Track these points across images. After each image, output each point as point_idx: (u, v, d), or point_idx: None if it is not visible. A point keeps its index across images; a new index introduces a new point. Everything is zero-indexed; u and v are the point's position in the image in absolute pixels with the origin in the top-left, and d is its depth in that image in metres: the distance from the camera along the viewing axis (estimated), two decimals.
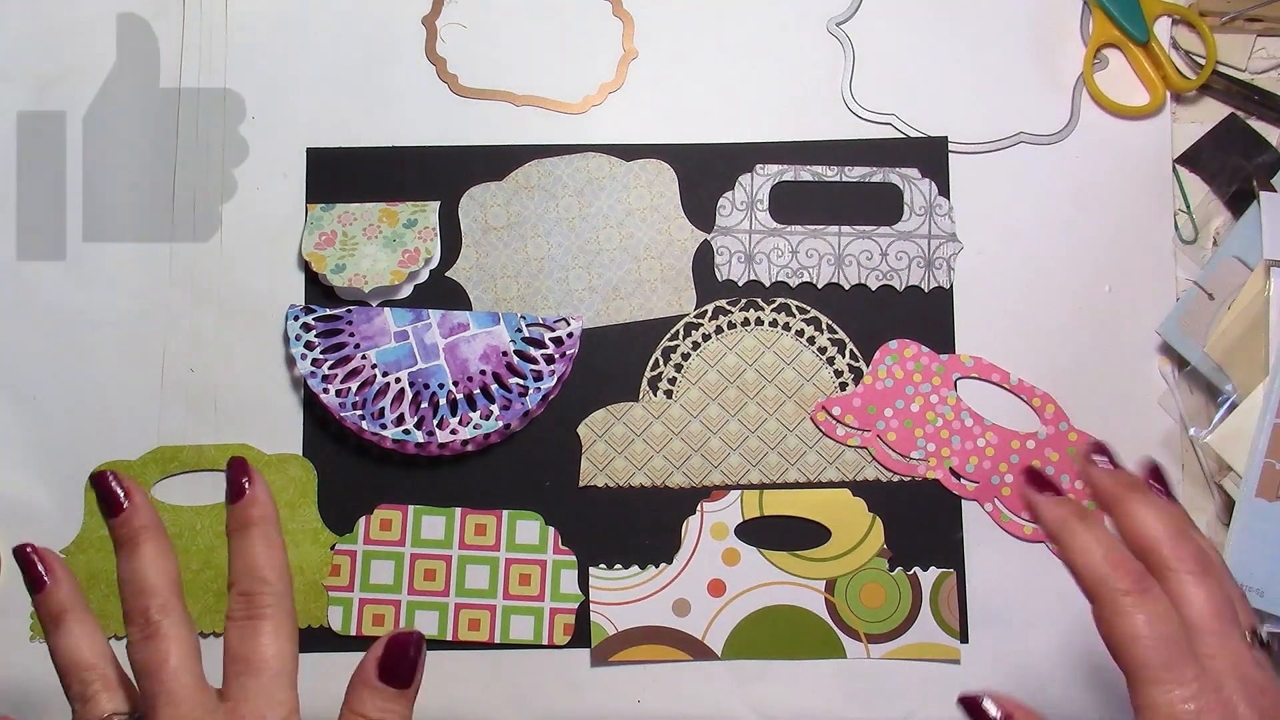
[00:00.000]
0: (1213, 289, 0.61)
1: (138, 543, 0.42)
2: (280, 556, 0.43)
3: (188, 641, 0.41)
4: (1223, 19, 0.64)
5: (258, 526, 0.43)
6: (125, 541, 0.43)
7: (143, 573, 0.42)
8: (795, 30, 0.66)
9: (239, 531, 0.43)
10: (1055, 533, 0.42)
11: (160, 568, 0.42)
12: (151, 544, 0.42)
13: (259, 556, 0.42)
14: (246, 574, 0.42)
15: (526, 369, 0.62)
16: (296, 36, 0.66)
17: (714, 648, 0.61)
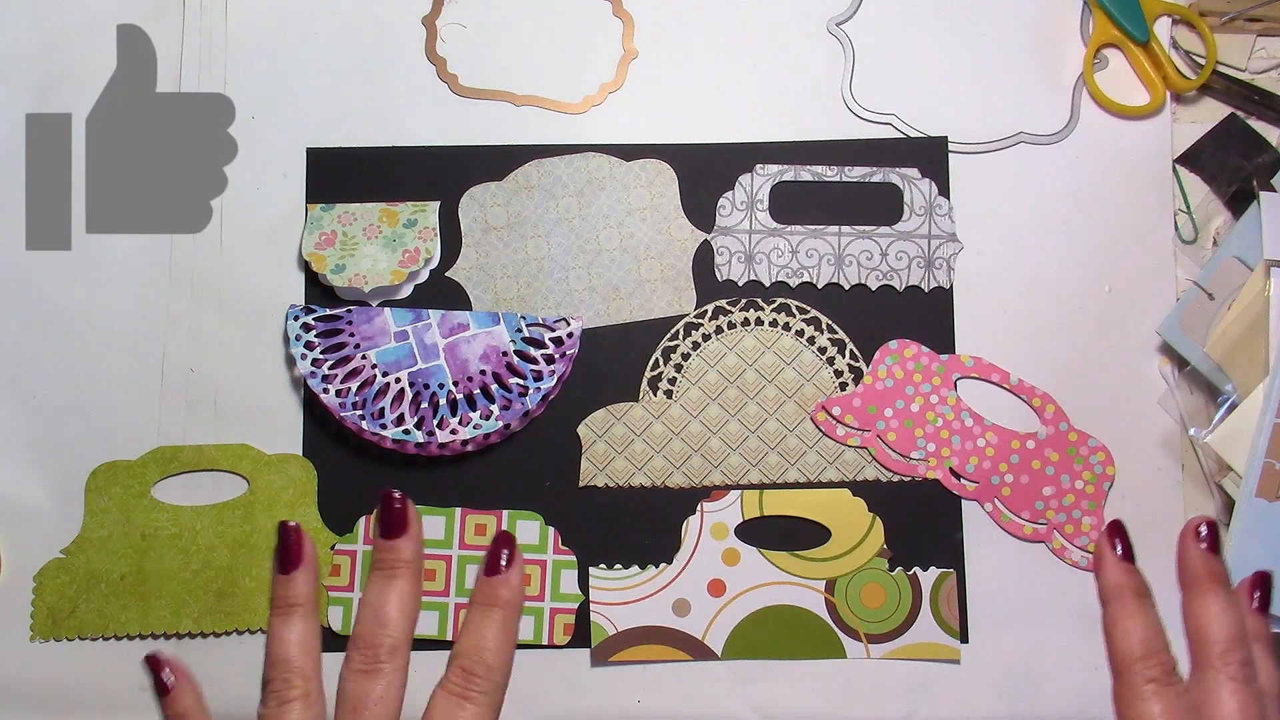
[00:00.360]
0: (1213, 289, 0.61)
1: (398, 575, 0.42)
2: (511, 649, 0.42)
3: (399, 691, 0.40)
4: (1223, 19, 0.64)
5: (503, 610, 0.42)
6: (387, 568, 0.42)
7: (390, 605, 0.41)
8: (795, 30, 0.66)
9: (483, 607, 0.42)
10: (1108, 598, 0.42)
11: (406, 609, 0.41)
12: (408, 582, 0.42)
13: (492, 640, 0.41)
14: (474, 652, 0.41)
15: (526, 369, 0.62)
16: (296, 36, 0.66)
17: (714, 648, 0.61)
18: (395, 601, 0.41)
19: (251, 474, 0.62)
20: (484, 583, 0.42)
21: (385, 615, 0.41)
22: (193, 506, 0.62)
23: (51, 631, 0.61)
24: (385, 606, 0.41)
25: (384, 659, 0.40)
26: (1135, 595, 0.42)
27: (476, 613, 0.42)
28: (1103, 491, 0.61)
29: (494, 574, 0.42)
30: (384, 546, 0.42)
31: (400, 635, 0.41)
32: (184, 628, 0.61)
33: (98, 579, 0.61)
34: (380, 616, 0.41)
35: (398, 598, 0.41)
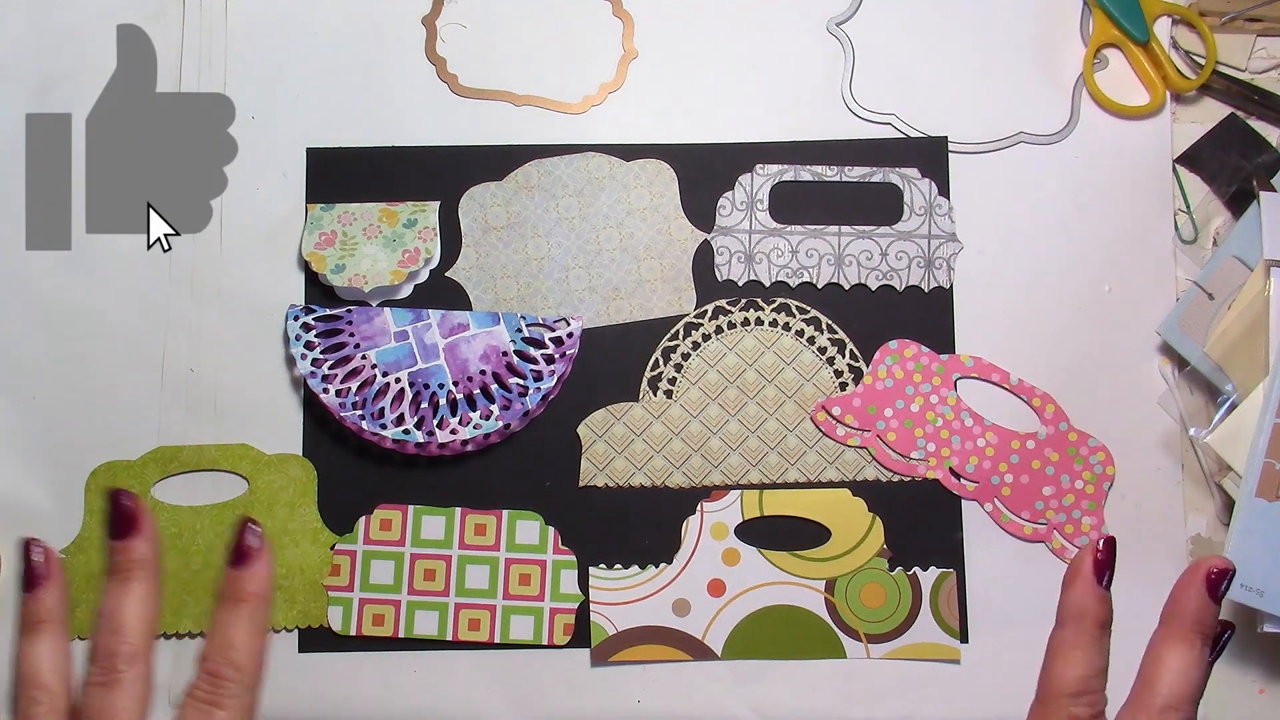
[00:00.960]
0: (1213, 289, 0.61)
1: (131, 577, 0.40)
2: (261, 644, 0.40)
3: (143, 701, 0.39)
4: (1223, 19, 0.64)
5: (249, 605, 0.40)
6: (119, 571, 0.40)
7: (125, 611, 0.40)
8: (795, 30, 0.66)
9: (228, 603, 0.40)
10: (1068, 618, 0.41)
11: (143, 613, 0.40)
12: (144, 585, 0.40)
13: (239, 638, 0.40)
14: (220, 653, 0.39)
15: (526, 369, 0.62)
16: (296, 36, 0.66)
17: (714, 648, 0.61)
18: (131, 606, 0.40)
19: (251, 474, 0.62)
20: (229, 576, 0.40)
21: (120, 622, 0.39)
22: (193, 506, 0.62)
23: None
24: (120, 613, 0.40)
25: (122, 668, 0.39)
26: (1097, 625, 0.41)
27: (223, 610, 0.40)
28: (1103, 491, 0.61)
29: (239, 566, 0.40)
30: (115, 548, 0.40)
31: (138, 641, 0.39)
32: (184, 628, 0.61)
33: (96, 579, 0.61)
34: (115, 624, 0.39)
35: (133, 602, 0.40)
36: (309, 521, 0.61)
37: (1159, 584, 0.61)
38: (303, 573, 0.61)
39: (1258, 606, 0.56)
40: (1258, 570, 0.56)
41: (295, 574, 0.61)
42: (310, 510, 0.62)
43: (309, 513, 0.62)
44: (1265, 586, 0.56)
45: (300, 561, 0.61)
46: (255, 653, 0.40)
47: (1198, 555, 0.61)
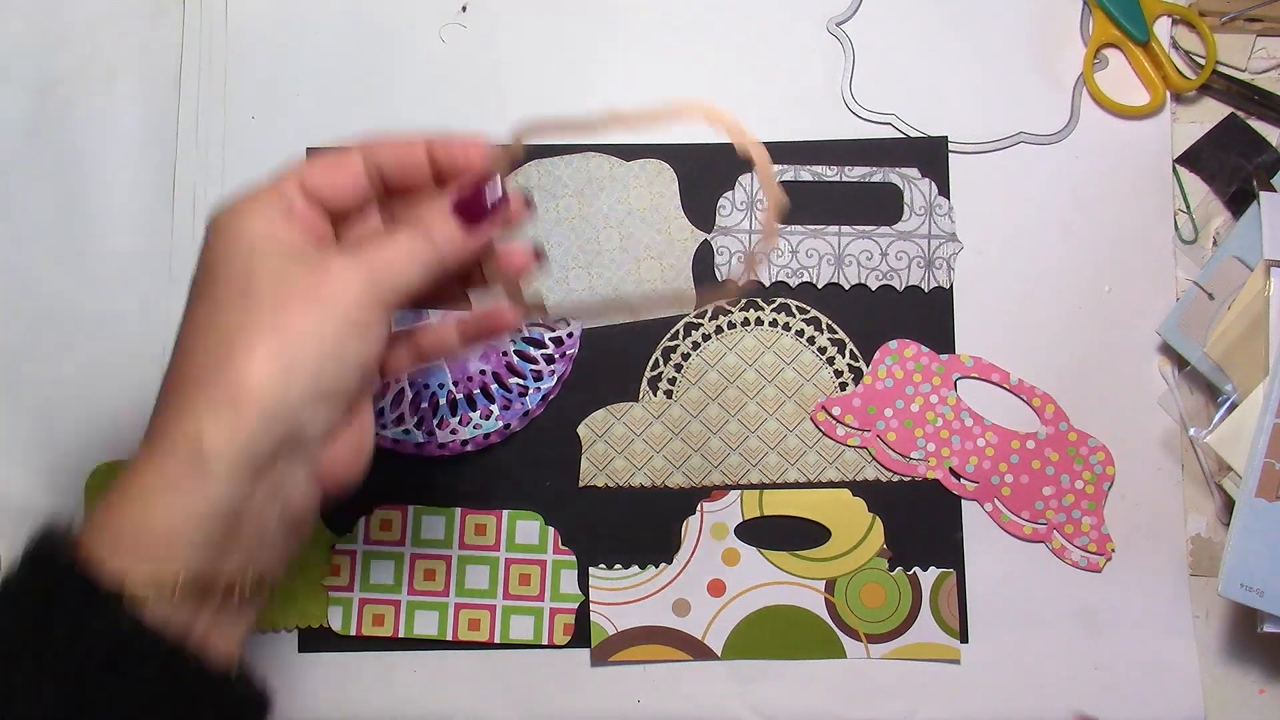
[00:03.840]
0: (1213, 289, 0.61)
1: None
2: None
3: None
4: (1223, 19, 0.64)
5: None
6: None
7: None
8: (795, 30, 0.66)
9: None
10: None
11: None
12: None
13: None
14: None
15: (526, 369, 0.62)
16: (296, 36, 0.66)
17: (714, 648, 0.61)
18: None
19: None
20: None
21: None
22: None
23: None
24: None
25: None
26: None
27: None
28: (1103, 491, 0.61)
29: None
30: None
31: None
32: None
33: None
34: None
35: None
36: None
37: (1159, 584, 0.61)
38: (302, 573, 0.61)
39: (1258, 606, 0.56)
40: (1258, 570, 0.56)
41: (295, 574, 0.61)
42: None
43: None
44: (1265, 586, 0.56)
45: (300, 561, 0.61)
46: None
47: (1198, 555, 0.61)
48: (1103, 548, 0.61)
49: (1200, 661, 0.60)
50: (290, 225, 0.39)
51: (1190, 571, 0.61)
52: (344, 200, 0.41)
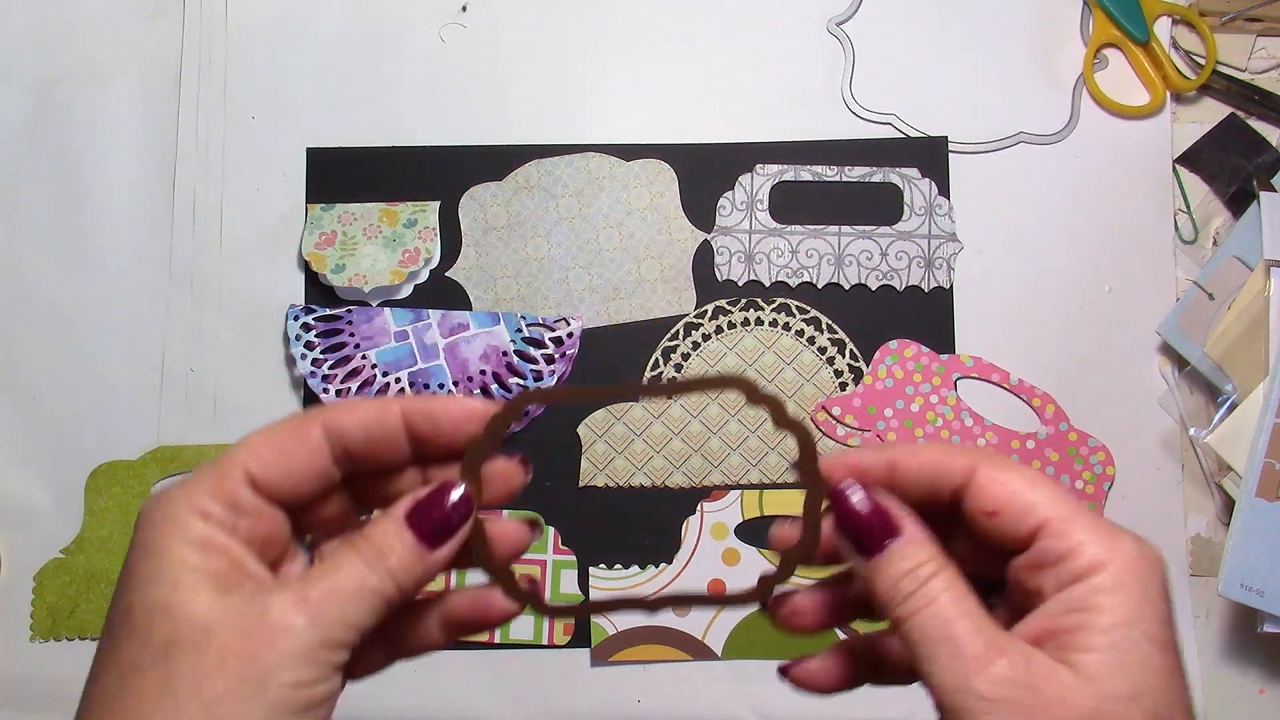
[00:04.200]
0: (1213, 289, 0.61)
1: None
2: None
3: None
4: (1223, 19, 0.64)
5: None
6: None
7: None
8: (795, 30, 0.66)
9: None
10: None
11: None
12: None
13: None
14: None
15: (526, 369, 0.62)
16: (296, 36, 0.66)
17: (714, 648, 0.61)
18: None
19: None
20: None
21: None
22: None
23: (51, 631, 0.61)
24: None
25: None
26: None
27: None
28: (1103, 491, 0.61)
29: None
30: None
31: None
32: None
33: (98, 579, 0.61)
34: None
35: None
36: None
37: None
38: None
39: (1258, 606, 0.56)
40: (1258, 570, 0.56)
41: None
42: None
43: None
44: (1265, 586, 0.56)
45: None
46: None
47: (1198, 555, 0.61)
48: None
49: (1200, 661, 0.60)
50: (222, 550, 0.31)
51: (1190, 571, 0.61)
52: (300, 491, 0.33)
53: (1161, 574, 0.30)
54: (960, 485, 0.32)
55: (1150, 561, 0.30)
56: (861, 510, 0.33)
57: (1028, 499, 0.31)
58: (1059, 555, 0.30)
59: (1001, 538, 0.32)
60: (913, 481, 0.33)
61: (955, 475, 0.32)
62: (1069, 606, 0.30)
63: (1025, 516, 0.31)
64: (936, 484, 0.33)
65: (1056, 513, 0.31)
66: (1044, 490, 0.31)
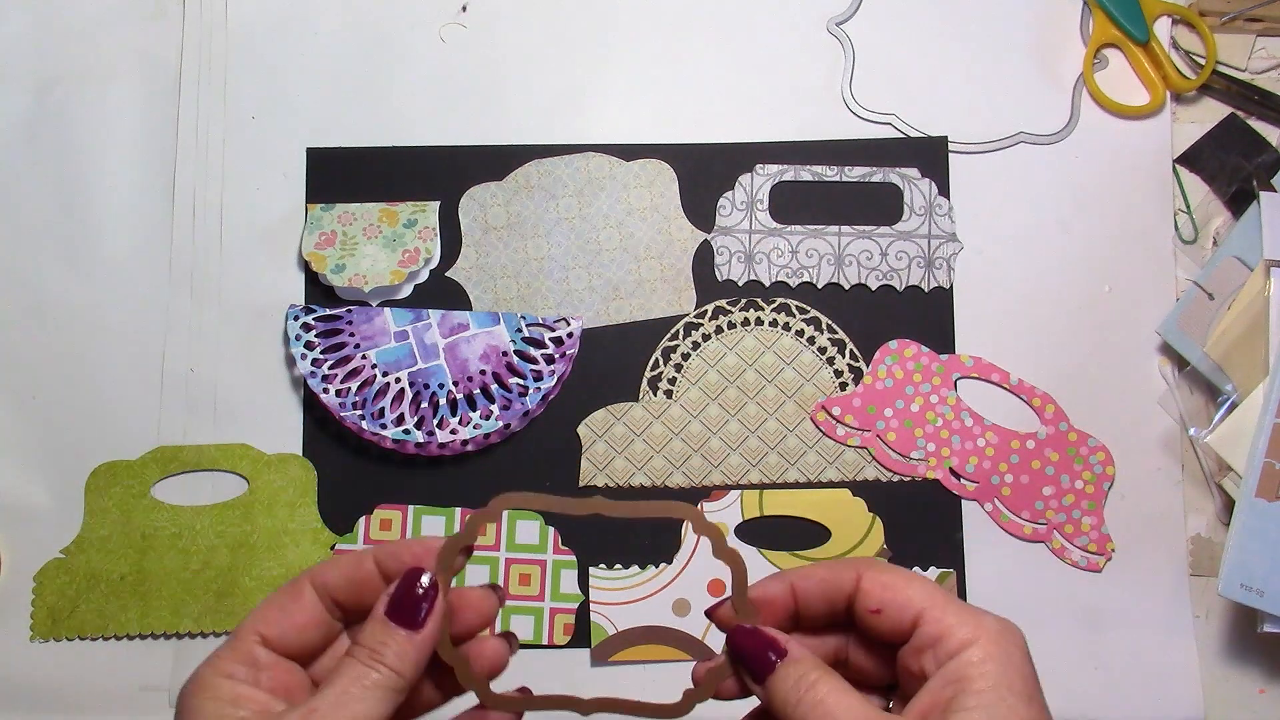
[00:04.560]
0: (1213, 289, 0.61)
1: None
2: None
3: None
4: (1223, 19, 0.64)
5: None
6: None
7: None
8: (795, 30, 0.66)
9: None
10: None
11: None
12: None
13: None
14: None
15: (526, 369, 0.62)
16: (296, 36, 0.66)
17: (714, 648, 0.60)
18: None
19: (251, 474, 0.62)
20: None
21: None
22: (193, 506, 0.62)
23: (51, 631, 0.61)
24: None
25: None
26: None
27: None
28: (1103, 491, 0.61)
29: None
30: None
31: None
32: (184, 628, 0.61)
33: (98, 579, 0.61)
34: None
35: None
36: (309, 521, 0.61)
37: (1159, 584, 0.61)
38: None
39: (1258, 606, 0.56)
40: (1258, 570, 0.56)
41: (295, 574, 0.61)
42: (310, 510, 0.62)
43: (309, 513, 0.62)
44: (1265, 586, 0.56)
45: (300, 561, 0.61)
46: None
47: (1198, 555, 0.61)
48: (1103, 548, 0.61)
49: (1200, 661, 0.60)
50: (249, 700, 0.36)
51: (1190, 571, 0.61)
52: (306, 640, 0.38)
53: (1021, 642, 0.36)
54: (851, 592, 0.38)
55: (1011, 633, 0.35)
56: (750, 639, 0.38)
57: (905, 594, 0.36)
58: (935, 638, 0.35)
59: (887, 631, 0.37)
60: (812, 597, 0.38)
61: (845, 584, 0.38)
62: (947, 679, 0.35)
63: (905, 610, 0.36)
64: (831, 595, 0.38)
65: (930, 603, 0.36)
66: (918, 586, 0.37)
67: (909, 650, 0.36)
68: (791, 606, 0.39)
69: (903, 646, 0.37)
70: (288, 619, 0.38)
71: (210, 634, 0.61)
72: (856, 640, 0.39)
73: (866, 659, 0.39)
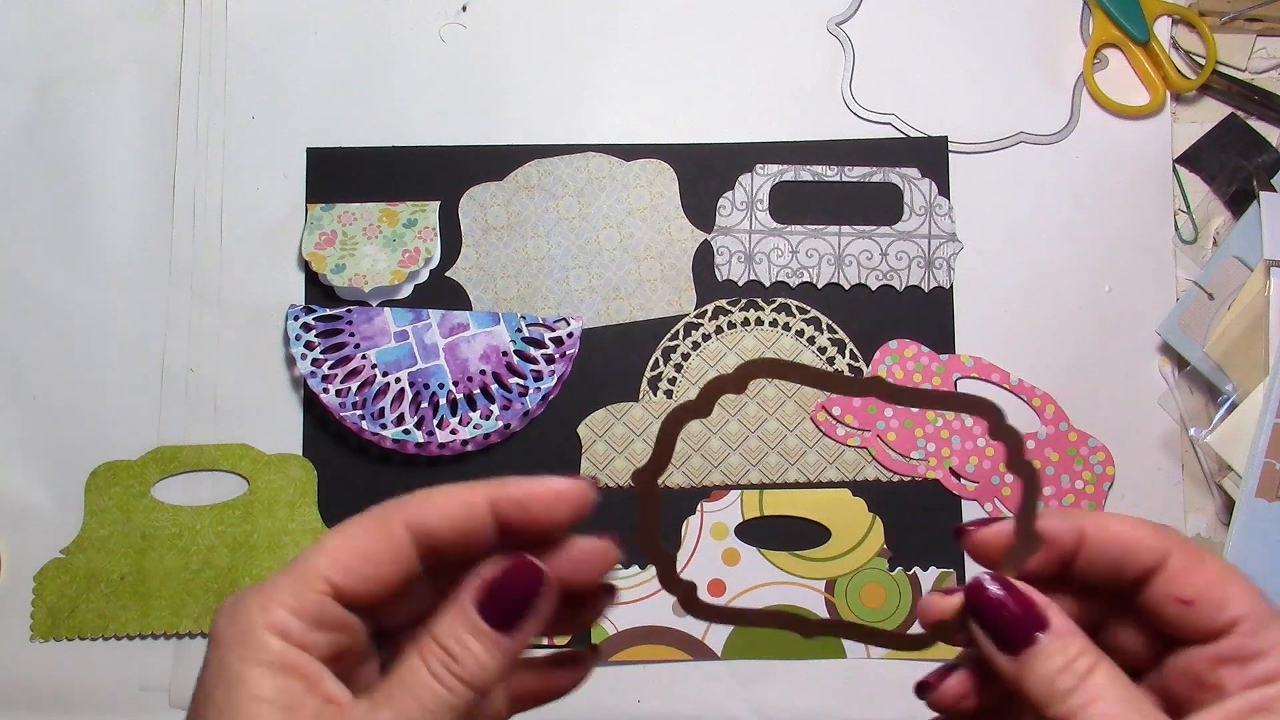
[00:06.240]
0: (1213, 289, 0.61)
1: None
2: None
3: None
4: (1223, 19, 0.64)
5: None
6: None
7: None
8: (795, 30, 0.66)
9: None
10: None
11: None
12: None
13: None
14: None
15: (526, 369, 0.62)
16: (296, 36, 0.66)
17: (714, 648, 0.61)
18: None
19: (251, 474, 0.62)
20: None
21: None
22: (193, 506, 0.62)
23: (51, 631, 0.61)
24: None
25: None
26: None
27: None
28: (1103, 491, 0.61)
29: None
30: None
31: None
32: (184, 628, 0.61)
33: (98, 579, 0.61)
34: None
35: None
36: (309, 521, 0.61)
37: None
38: None
39: None
40: (1258, 570, 0.56)
41: None
42: (310, 510, 0.62)
43: (309, 513, 0.62)
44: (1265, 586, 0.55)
45: None
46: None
47: None
48: None
49: None
50: (300, 672, 0.29)
51: None
52: (385, 594, 0.31)
53: None
54: (1152, 567, 0.31)
55: None
56: (1004, 602, 0.31)
57: (1225, 592, 0.31)
58: (1252, 654, 0.30)
59: (1186, 627, 0.31)
60: (1099, 556, 0.32)
61: (1147, 556, 0.31)
62: (1255, 705, 0.29)
63: (1221, 609, 0.30)
64: (1124, 561, 0.31)
65: (1254, 610, 0.30)
66: (1242, 587, 0.31)
67: (1205, 655, 0.30)
68: (1068, 555, 0.32)
69: (1193, 646, 0.31)
70: (372, 569, 0.30)
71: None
72: (1124, 615, 0.32)
73: (1129, 641, 0.33)
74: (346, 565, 0.30)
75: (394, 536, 0.31)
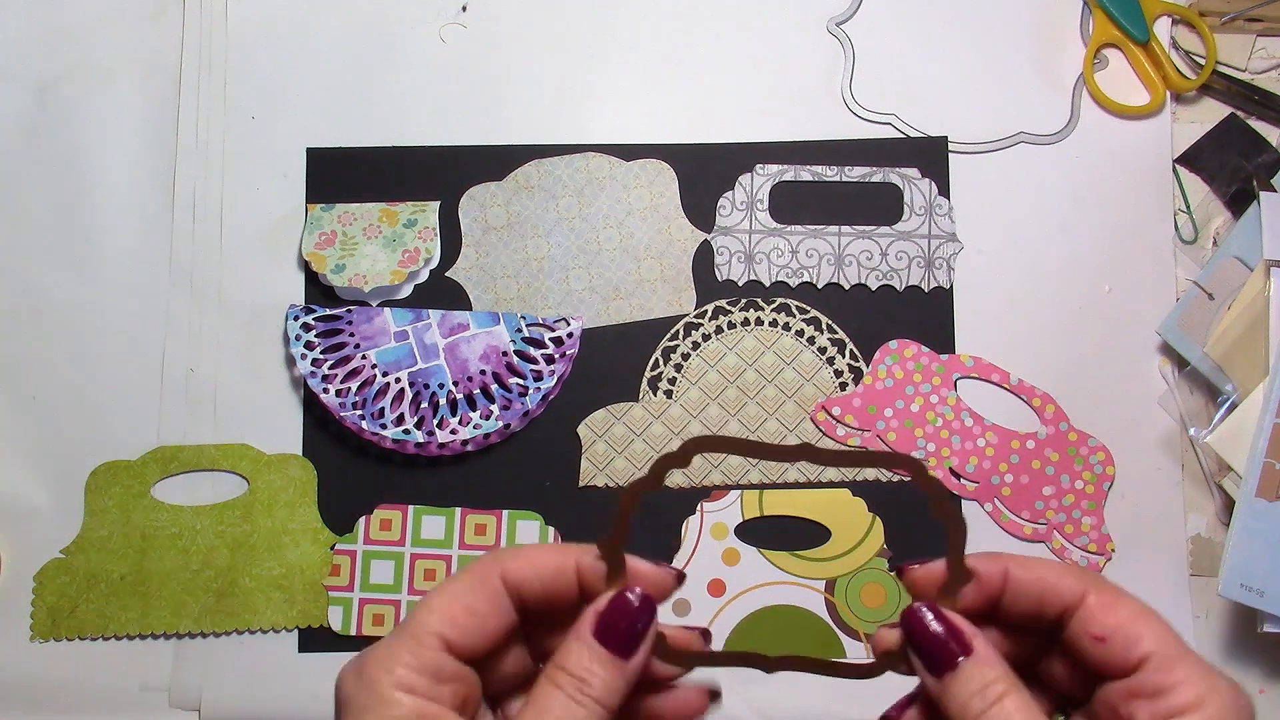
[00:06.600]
0: (1213, 289, 0.61)
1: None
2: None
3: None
4: (1223, 19, 0.64)
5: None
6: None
7: None
8: (795, 30, 0.66)
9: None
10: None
11: None
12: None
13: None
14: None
15: (526, 369, 0.62)
16: (296, 36, 0.66)
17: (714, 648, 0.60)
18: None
19: (251, 474, 0.62)
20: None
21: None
22: (193, 506, 0.62)
23: (51, 631, 0.61)
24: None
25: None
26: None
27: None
28: (1103, 491, 0.61)
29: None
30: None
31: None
32: (184, 628, 0.61)
33: (98, 579, 0.61)
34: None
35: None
36: (309, 521, 0.61)
37: (1159, 584, 0.61)
38: (303, 573, 0.61)
39: (1258, 606, 0.56)
40: (1258, 570, 0.56)
41: (295, 574, 0.61)
42: (310, 510, 0.62)
43: (309, 513, 0.62)
44: (1265, 586, 0.56)
45: (300, 561, 0.61)
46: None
47: (1198, 555, 0.61)
48: (1103, 548, 0.61)
49: None
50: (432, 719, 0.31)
51: (1190, 571, 0.61)
52: (491, 647, 0.34)
53: (1252, 715, 0.32)
54: (1070, 606, 0.33)
55: (1243, 708, 0.31)
56: (933, 628, 0.33)
57: (1137, 630, 0.32)
58: (1158, 689, 0.31)
59: (1102, 662, 0.33)
60: (1025, 593, 0.34)
61: (1066, 596, 0.33)
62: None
63: (1132, 647, 0.32)
64: (1047, 599, 0.34)
65: (1161, 647, 0.32)
66: (1152, 624, 0.32)
67: (1120, 689, 0.32)
68: (996, 593, 0.34)
69: (1112, 681, 0.33)
70: (478, 622, 0.33)
71: (210, 634, 0.61)
72: (1053, 652, 0.35)
73: (1060, 675, 0.35)
74: (454, 620, 0.33)
75: (493, 590, 0.33)
